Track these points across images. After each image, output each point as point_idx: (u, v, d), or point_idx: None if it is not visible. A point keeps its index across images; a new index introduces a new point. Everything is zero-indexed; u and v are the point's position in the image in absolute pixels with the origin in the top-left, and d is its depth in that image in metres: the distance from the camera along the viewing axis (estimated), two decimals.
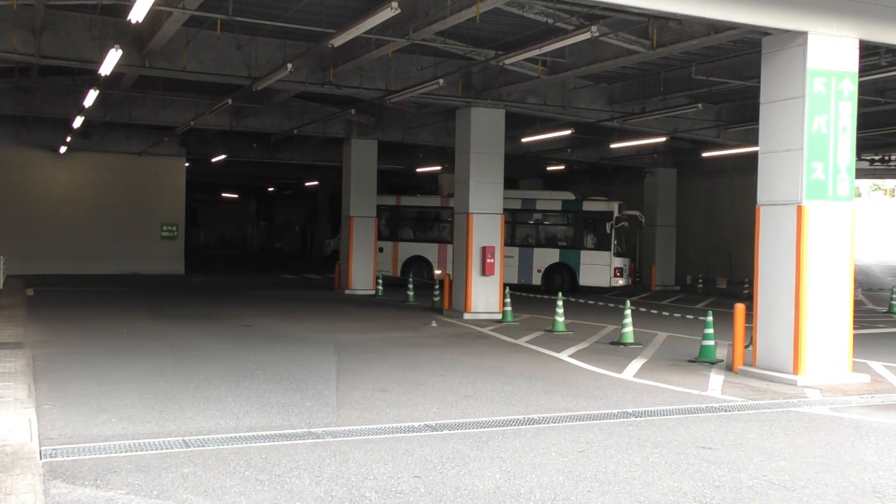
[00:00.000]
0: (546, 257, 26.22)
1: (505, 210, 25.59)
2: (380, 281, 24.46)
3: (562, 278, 25.73)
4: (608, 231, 25.18)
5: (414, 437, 7.64)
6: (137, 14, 10.83)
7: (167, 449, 7.00)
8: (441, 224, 28.02)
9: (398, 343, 14.26)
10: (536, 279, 26.17)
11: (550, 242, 26.58)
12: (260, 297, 23.14)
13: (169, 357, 12.02)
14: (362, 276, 24.95)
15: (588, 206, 25.96)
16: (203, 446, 7.12)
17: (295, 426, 7.95)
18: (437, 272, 27.08)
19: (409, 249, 28.17)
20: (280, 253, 56.46)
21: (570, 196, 26.66)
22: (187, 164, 32.60)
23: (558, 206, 26.43)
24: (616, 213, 25.39)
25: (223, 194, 60.92)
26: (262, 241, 61.91)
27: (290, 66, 14.55)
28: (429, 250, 27.85)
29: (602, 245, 25.34)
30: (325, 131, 24.83)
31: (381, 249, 27.60)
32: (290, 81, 16.69)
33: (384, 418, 8.40)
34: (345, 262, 25.17)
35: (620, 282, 25.49)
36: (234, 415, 8.39)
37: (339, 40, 12.95)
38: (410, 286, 22.51)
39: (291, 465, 6.60)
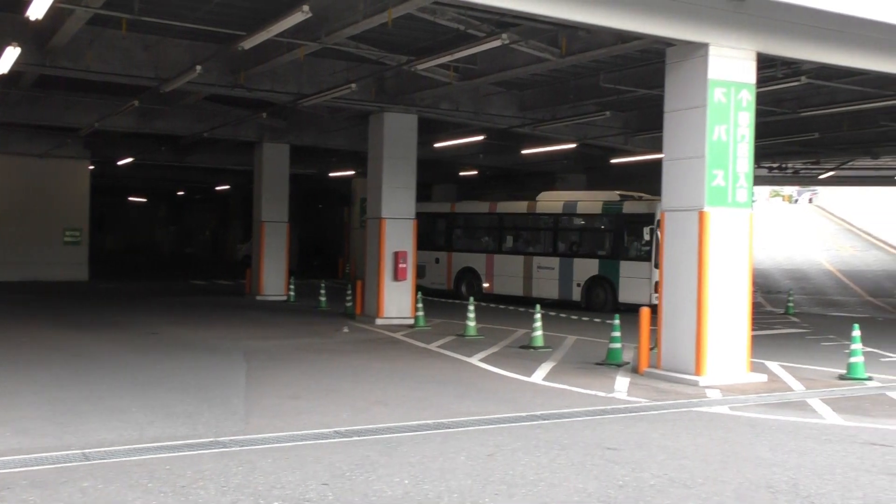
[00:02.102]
0: (586, 269, 22.47)
1: (546, 215, 24.29)
2: (292, 287, 24.22)
3: (605, 294, 21.89)
4: (647, 237, 20.93)
5: (323, 444, 7.59)
6: (36, 11, 10.48)
7: (66, 463, 6.77)
8: (489, 232, 25.66)
9: (310, 349, 14.14)
10: (577, 294, 22.58)
11: (591, 252, 22.72)
12: (169, 303, 22.61)
13: (71, 367, 11.64)
14: (274, 281, 24.70)
15: (628, 207, 22.01)
16: (104, 459, 6.91)
17: (201, 436, 7.81)
18: (486, 285, 24.68)
19: (462, 260, 25.51)
20: (190, 258, 55.28)
21: (615, 196, 22.73)
22: (92, 167, 31.60)
23: (598, 209, 22.74)
24: (658, 216, 20.53)
25: (131, 198, 59.31)
26: (172, 246, 60.49)
27: (199, 68, 14.30)
28: (477, 261, 25.13)
29: (641, 254, 21.25)
30: (236, 135, 24.47)
31: (437, 260, 25.88)
32: (199, 84, 16.39)
33: (294, 425, 8.32)
34: (256, 268, 24.86)
35: None
36: (139, 425, 8.18)
37: (249, 43, 12.80)
38: (323, 291, 22.35)
39: (196, 476, 6.47)
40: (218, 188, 47.65)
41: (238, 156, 31.26)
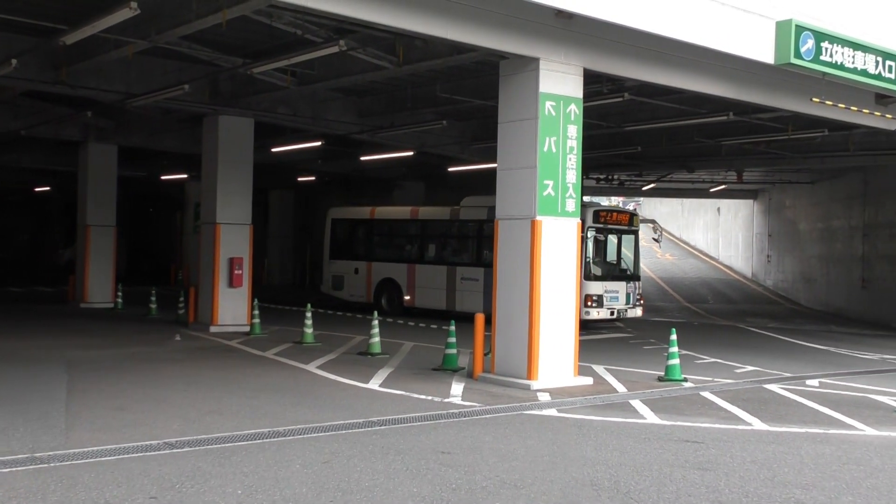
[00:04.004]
0: None
1: (470, 221, 21.87)
2: (119, 294, 23.17)
3: None
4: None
5: (152, 457, 7.32)
6: None
7: None
8: (410, 241, 23.52)
9: (138, 358, 13.57)
10: None
11: None
12: None
13: None
14: (100, 287, 23.56)
15: None
16: None
17: (15, 452, 7.34)
18: (406, 298, 22.65)
19: (382, 271, 23.43)
20: (5, 263, 51.74)
21: None
22: None
23: None
24: (590, 222, 19.45)
25: None
26: None
27: (14, 61, 13.46)
28: (398, 272, 23.04)
29: None
30: (58, 134, 23.12)
31: (356, 271, 23.92)
32: (15, 78, 15.37)
33: (119, 438, 7.97)
34: (80, 274, 23.62)
35: (596, 314, 19.28)
36: None
37: (72, 38, 12.15)
38: (153, 298, 21.50)
39: (9, 495, 6.08)
40: (38, 189, 44.88)
41: (61, 156, 29.48)
